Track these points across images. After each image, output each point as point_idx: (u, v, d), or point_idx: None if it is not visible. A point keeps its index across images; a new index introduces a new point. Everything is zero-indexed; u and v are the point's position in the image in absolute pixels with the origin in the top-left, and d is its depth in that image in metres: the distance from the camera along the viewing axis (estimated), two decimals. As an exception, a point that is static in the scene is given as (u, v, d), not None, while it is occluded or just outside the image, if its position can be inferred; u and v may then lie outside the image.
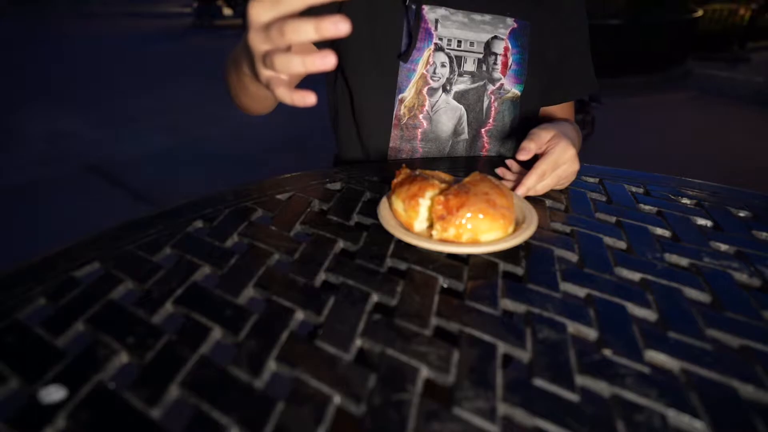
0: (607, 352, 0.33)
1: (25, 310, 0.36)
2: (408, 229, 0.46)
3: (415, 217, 0.45)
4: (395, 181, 0.48)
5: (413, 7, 0.65)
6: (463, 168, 0.65)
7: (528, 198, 0.56)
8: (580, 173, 0.65)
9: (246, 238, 0.47)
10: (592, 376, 0.31)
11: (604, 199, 0.59)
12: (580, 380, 0.31)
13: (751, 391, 0.31)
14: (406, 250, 0.45)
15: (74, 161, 2.78)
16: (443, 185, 0.47)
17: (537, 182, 0.55)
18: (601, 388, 0.31)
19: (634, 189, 0.62)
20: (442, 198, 0.43)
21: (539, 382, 0.31)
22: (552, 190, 0.60)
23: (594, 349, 0.34)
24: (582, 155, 0.76)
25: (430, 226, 0.46)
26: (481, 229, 0.43)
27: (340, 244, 0.46)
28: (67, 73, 4.86)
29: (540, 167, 0.55)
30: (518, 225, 0.47)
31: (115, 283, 0.39)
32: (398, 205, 0.47)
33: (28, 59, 5.50)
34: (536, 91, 0.72)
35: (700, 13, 5.58)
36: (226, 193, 0.55)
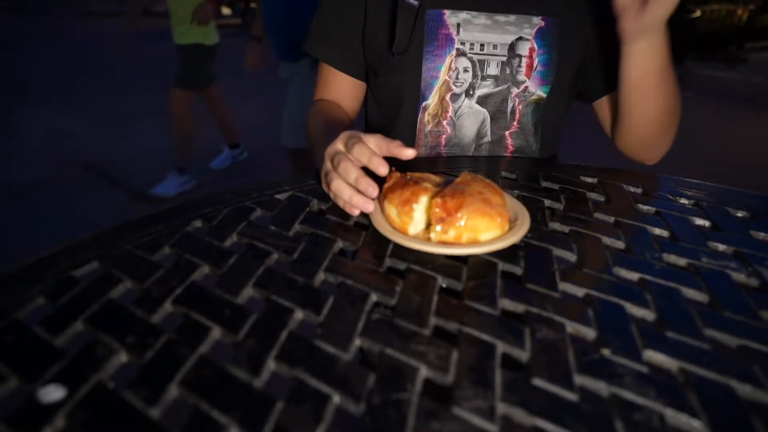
0: (606, 352, 0.33)
1: (24, 309, 0.36)
2: (402, 233, 0.46)
3: (409, 222, 0.45)
4: (386, 185, 0.48)
5: (415, 3, 0.65)
6: (456, 167, 0.65)
7: (525, 198, 0.56)
8: (579, 173, 0.66)
9: (245, 237, 0.47)
10: (590, 375, 0.31)
11: (602, 199, 0.59)
12: (579, 380, 0.31)
13: (749, 390, 0.31)
14: (404, 250, 0.45)
15: (73, 161, 2.78)
16: (435, 188, 0.47)
17: None
18: (600, 387, 0.31)
19: (632, 189, 0.62)
20: (439, 200, 0.43)
21: (538, 382, 0.31)
22: (551, 192, 0.60)
23: (593, 349, 0.34)
24: (581, 155, 0.76)
25: (427, 228, 0.46)
26: (480, 228, 0.43)
27: (339, 244, 0.46)
28: (66, 73, 4.85)
29: None
30: (511, 223, 0.47)
31: (115, 283, 0.39)
32: (391, 210, 0.47)
33: (27, 58, 5.48)
34: (563, 92, 0.70)
35: (698, 13, 5.58)
36: (226, 193, 0.55)
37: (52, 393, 0.29)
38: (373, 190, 0.46)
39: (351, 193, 0.48)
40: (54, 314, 0.35)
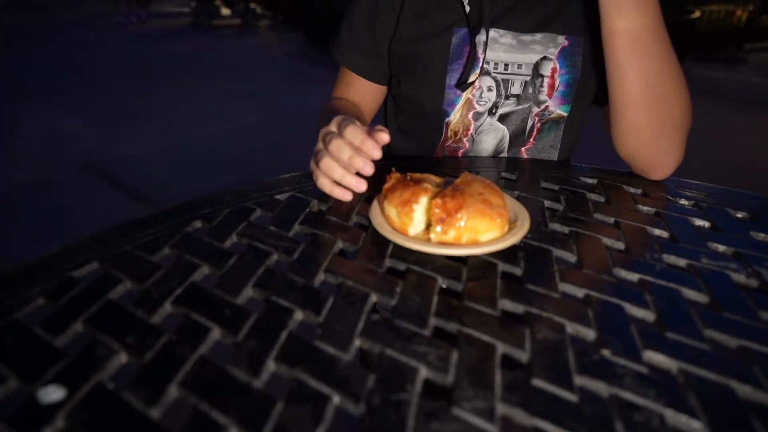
0: (606, 353, 0.33)
1: (24, 309, 0.36)
2: (402, 233, 0.46)
3: (409, 223, 0.45)
4: (386, 186, 0.48)
5: (471, 29, 0.64)
6: (453, 168, 0.65)
7: (525, 198, 0.56)
8: (579, 174, 0.66)
9: (245, 238, 0.47)
10: (590, 376, 0.31)
11: (602, 199, 0.59)
12: (579, 380, 0.31)
13: (748, 391, 0.31)
14: (404, 250, 0.45)
15: (73, 161, 2.77)
16: (435, 189, 0.46)
17: None
18: (600, 388, 0.31)
19: (632, 190, 0.62)
20: (439, 201, 0.43)
21: (538, 382, 0.31)
22: (551, 192, 0.60)
23: (592, 350, 0.34)
24: (581, 156, 0.76)
25: (427, 228, 0.45)
26: (480, 229, 0.43)
27: (339, 245, 0.46)
28: (65, 73, 4.85)
29: None
30: (511, 224, 0.47)
31: (115, 283, 0.39)
32: (391, 211, 0.47)
33: (27, 58, 5.48)
34: (583, 109, 0.70)
35: (697, 14, 5.59)
36: (226, 193, 0.55)
37: (52, 393, 0.29)
38: (369, 168, 0.46)
39: (342, 172, 0.48)
40: (54, 314, 0.35)
